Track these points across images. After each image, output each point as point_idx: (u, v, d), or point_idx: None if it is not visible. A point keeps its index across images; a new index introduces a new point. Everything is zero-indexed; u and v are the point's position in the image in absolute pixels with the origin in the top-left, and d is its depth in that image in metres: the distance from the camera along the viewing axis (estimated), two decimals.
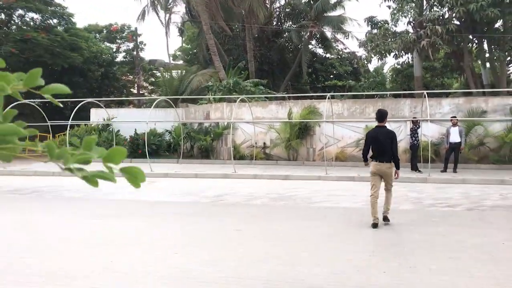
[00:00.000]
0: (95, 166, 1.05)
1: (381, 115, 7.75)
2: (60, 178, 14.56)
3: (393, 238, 6.35)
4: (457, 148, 14.37)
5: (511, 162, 15.58)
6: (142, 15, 31.79)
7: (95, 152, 1.03)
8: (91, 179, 1.05)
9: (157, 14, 32.10)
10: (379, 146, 7.41)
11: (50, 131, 21.06)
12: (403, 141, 17.17)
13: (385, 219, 7.30)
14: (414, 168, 14.79)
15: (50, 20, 29.09)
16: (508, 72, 25.08)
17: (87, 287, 4.39)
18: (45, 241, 6.21)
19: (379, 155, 7.39)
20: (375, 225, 7.00)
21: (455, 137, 14.29)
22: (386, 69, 34.95)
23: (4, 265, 5.09)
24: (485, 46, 21.29)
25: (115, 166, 1.03)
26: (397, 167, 7.48)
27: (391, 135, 7.50)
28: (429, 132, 15.33)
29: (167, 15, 32.94)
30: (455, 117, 14.80)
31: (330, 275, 4.74)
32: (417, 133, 14.84)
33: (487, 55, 21.02)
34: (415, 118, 15.46)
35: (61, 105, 1.23)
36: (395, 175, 7.49)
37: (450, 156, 14.47)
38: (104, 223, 7.40)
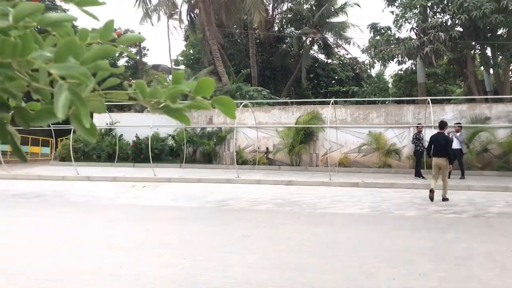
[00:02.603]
0: None
1: (442, 125, 10.54)
2: (64, 182, 14.58)
3: (401, 244, 6.33)
4: (458, 154, 14.41)
5: None
6: (146, 16, 31.62)
7: (185, 85, 1.02)
8: (182, 114, 1.03)
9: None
10: (438, 146, 10.18)
11: (53, 135, 21.08)
12: (406, 148, 17.19)
13: (444, 199, 10.27)
14: (418, 174, 14.78)
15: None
16: (511, 79, 25.10)
17: None
18: (52, 246, 6.20)
19: (437, 153, 10.18)
20: (431, 192, 10.10)
21: (455, 144, 14.38)
22: (387, 74, 34.99)
23: (15, 268, 5.08)
24: (488, 52, 21.32)
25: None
26: (451, 162, 10.35)
27: (446, 138, 10.31)
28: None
29: (170, 20, 33.03)
30: (459, 123, 14.87)
31: (339, 281, 4.73)
32: (420, 140, 14.85)
33: (490, 61, 21.04)
34: (419, 124, 15.47)
35: (135, 56, 1.25)
36: (449, 167, 10.28)
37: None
38: (110, 228, 7.39)
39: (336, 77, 37.49)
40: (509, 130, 16.01)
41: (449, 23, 20.13)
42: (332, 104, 17.09)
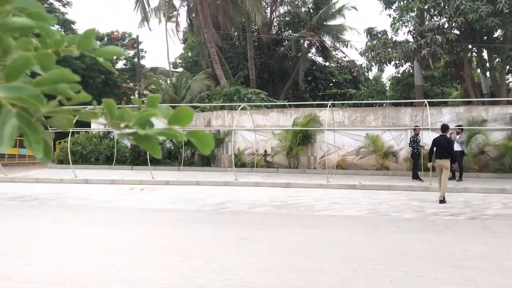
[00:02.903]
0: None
1: (444, 128, 11.07)
2: (62, 185, 14.59)
3: (398, 246, 6.37)
4: (459, 156, 14.47)
5: (511, 171, 15.64)
6: (144, 19, 31.75)
7: (160, 111, 0.93)
8: (153, 144, 0.92)
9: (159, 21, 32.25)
10: (440, 148, 10.66)
11: None
12: (403, 150, 17.25)
13: (441, 202, 10.46)
14: (415, 176, 14.83)
15: (52, 27, 29.20)
16: (507, 81, 25.21)
17: None
18: (50, 249, 6.21)
19: (440, 154, 10.63)
20: (441, 201, 10.46)
21: (456, 146, 14.39)
22: (384, 77, 35.12)
23: (11, 274, 5.10)
24: (485, 55, 21.43)
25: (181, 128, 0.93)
26: (453, 162, 10.89)
27: (448, 141, 10.80)
28: (430, 141, 15.32)
29: (168, 23, 33.10)
30: (460, 125, 14.94)
31: (336, 283, 4.76)
32: (418, 142, 14.85)
33: (487, 64, 21.15)
34: (417, 126, 15.51)
35: (116, 72, 1.20)
36: (452, 167, 10.83)
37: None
38: (109, 231, 7.41)
39: (334, 80, 37.59)
40: (505, 132, 16.08)
41: (446, 26, 20.22)
42: (330, 106, 17.14)
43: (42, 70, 0.89)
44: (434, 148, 10.86)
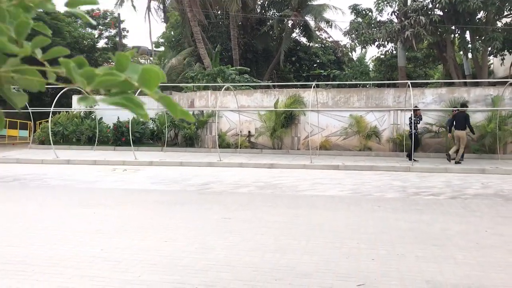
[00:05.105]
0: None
1: (462, 106, 14.51)
2: (43, 166, 14.38)
3: (380, 226, 6.46)
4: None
5: (491, 152, 15.92)
6: (121, 1, 31.19)
7: (130, 72, 0.81)
8: (121, 101, 0.82)
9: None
10: (458, 122, 13.97)
11: (31, 118, 20.68)
12: (386, 130, 17.39)
13: (457, 163, 13.72)
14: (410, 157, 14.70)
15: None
16: (489, 63, 25.48)
17: (78, 276, 4.37)
18: (33, 230, 6.13)
19: (458, 126, 13.97)
20: (449, 157, 14.05)
21: None
22: (368, 58, 35.12)
23: None
24: (467, 37, 21.55)
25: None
26: (473, 133, 14.60)
27: (465, 116, 14.09)
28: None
29: (149, 1, 32.42)
30: (456, 107, 15.00)
31: (320, 263, 4.81)
32: (415, 123, 14.54)
33: (469, 46, 21.29)
34: (416, 107, 15.13)
35: (93, 22, 1.08)
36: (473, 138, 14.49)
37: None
38: (91, 212, 7.34)
39: (318, 61, 37.45)
40: (486, 113, 16.31)
41: (429, 7, 20.22)
42: (314, 87, 17.12)
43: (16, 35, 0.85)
44: (454, 123, 14.03)
